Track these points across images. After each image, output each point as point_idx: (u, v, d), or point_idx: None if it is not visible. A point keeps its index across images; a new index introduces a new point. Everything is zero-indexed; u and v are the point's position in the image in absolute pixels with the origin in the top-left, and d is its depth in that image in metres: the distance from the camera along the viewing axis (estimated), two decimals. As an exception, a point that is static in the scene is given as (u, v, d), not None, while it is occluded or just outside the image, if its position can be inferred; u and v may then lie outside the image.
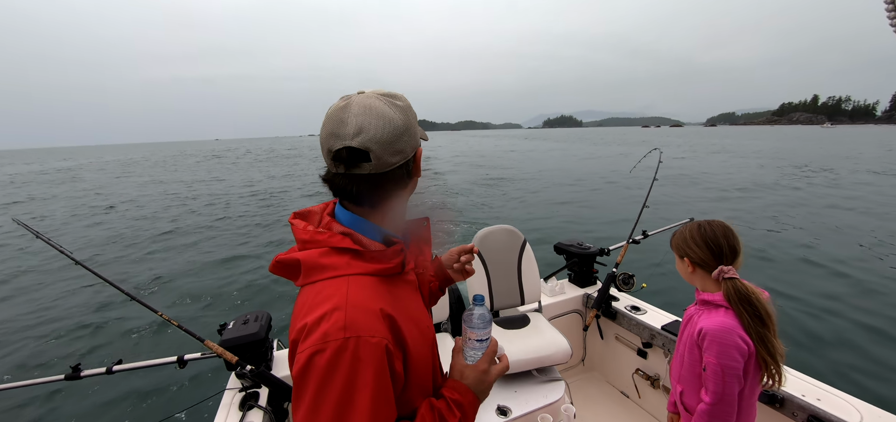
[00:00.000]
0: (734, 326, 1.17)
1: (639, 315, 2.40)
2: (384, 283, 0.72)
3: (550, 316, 2.64)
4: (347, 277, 0.68)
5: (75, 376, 1.89)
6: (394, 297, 0.72)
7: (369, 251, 0.71)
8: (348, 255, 0.71)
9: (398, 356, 0.67)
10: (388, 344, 0.64)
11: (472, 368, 0.81)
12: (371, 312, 0.64)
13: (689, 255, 1.31)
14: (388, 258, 0.73)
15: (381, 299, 0.67)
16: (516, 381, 2.11)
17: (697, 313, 1.31)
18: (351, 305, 0.64)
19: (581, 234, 7.36)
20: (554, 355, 2.08)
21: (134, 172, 28.70)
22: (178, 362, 1.95)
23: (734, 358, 1.15)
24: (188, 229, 10.31)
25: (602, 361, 2.73)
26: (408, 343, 0.69)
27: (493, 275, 2.43)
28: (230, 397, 1.95)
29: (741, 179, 12.98)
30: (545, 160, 25.15)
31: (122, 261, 8.13)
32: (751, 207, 8.44)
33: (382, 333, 0.64)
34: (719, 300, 1.23)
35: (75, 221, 12.14)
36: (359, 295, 0.66)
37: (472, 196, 11.13)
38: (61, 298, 6.37)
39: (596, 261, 2.84)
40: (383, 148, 0.69)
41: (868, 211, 9.31)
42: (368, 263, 0.71)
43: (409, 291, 0.81)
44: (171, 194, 16.11)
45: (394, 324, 0.67)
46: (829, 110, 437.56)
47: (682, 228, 1.37)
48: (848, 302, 4.67)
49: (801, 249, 6.49)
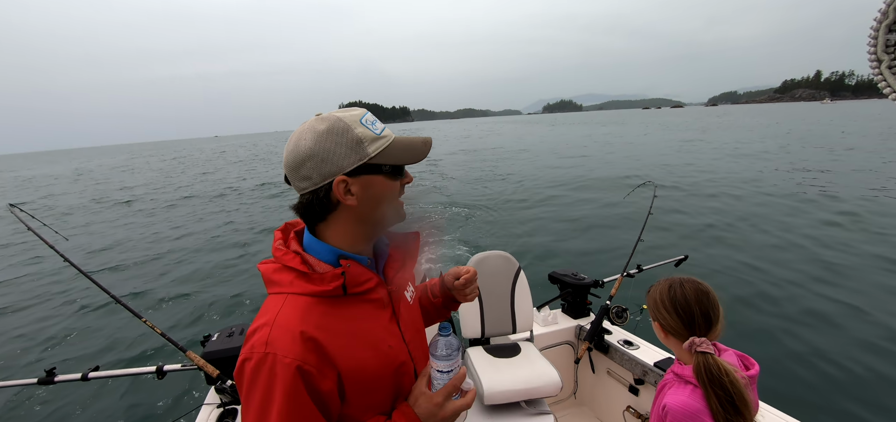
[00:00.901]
0: (700, 410, 1.03)
1: (631, 350, 2.37)
2: (323, 304, 0.74)
3: (542, 346, 2.60)
4: (285, 296, 0.74)
5: (49, 381, 1.83)
6: (332, 318, 0.74)
7: (313, 273, 0.75)
8: (293, 274, 0.75)
9: (327, 376, 0.70)
10: (302, 365, 0.67)
11: (427, 397, 0.78)
12: (291, 334, 0.69)
13: (660, 319, 1.19)
14: (326, 281, 0.74)
15: (308, 322, 0.71)
16: (504, 412, 2.06)
17: (671, 384, 1.18)
18: (277, 324, 0.70)
19: (574, 257, 7.35)
20: (543, 388, 2.04)
21: (137, 169, 28.64)
22: (157, 373, 1.90)
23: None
24: (185, 234, 10.20)
25: (592, 395, 2.68)
26: (344, 364, 0.72)
27: (486, 301, 2.41)
28: (207, 413, 1.88)
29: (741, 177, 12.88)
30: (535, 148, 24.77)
31: (112, 263, 8.00)
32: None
33: (296, 354, 0.67)
34: (689, 376, 1.09)
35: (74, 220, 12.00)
36: (287, 315, 0.71)
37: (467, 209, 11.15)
38: (44, 297, 6.23)
39: (590, 292, 2.82)
40: (292, 173, 0.76)
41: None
42: (309, 284, 0.74)
43: (365, 311, 0.80)
44: (170, 197, 16.02)
45: (317, 346, 0.70)
46: (833, 86, 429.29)
47: (655, 285, 1.23)
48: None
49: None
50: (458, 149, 23.00)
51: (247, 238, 9.63)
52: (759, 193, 11.01)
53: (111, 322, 5.24)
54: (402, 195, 0.84)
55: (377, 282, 0.83)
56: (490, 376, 2.07)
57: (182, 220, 12.00)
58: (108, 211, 13.72)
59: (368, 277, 0.81)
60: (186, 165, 32.97)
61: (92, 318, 5.44)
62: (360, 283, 0.78)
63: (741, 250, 6.83)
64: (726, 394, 1.01)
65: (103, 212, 13.66)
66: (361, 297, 0.80)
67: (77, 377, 1.86)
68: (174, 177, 23.18)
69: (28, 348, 4.70)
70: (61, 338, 4.94)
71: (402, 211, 0.84)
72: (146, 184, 20.50)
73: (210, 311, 5.71)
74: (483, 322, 2.40)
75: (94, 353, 4.59)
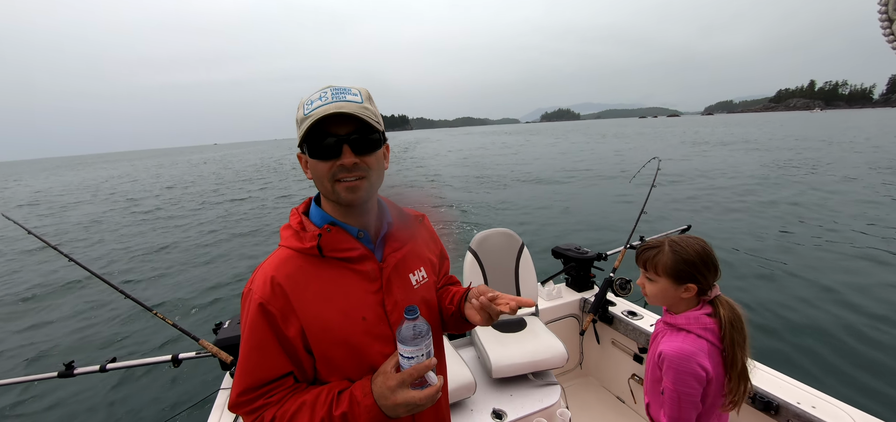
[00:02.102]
0: (693, 352, 1.13)
1: (635, 320, 2.40)
2: (301, 259, 0.82)
3: (547, 320, 2.64)
4: (280, 247, 0.85)
5: (68, 374, 1.88)
6: (306, 275, 0.81)
7: (301, 232, 0.84)
8: (290, 231, 0.86)
9: (291, 323, 0.78)
10: (265, 304, 0.77)
11: (384, 376, 0.76)
12: (264, 276, 0.80)
13: (698, 280, 1.18)
14: (305, 240, 0.82)
15: (281, 270, 0.80)
16: (512, 385, 2.10)
17: (663, 333, 1.27)
18: (262, 267, 0.82)
19: (578, 235, 7.38)
20: (550, 360, 2.08)
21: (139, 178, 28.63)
22: (173, 361, 1.94)
23: (690, 385, 1.12)
24: (189, 226, 10.27)
25: (598, 365, 2.73)
26: (307, 318, 0.79)
27: (491, 278, 2.43)
28: (224, 397, 1.94)
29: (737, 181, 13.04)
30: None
31: (120, 259, 8.09)
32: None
33: (263, 294, 0.77)
34: (682, 323, 1.18)
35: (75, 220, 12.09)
36: (269, 262, 0.82)
37: (467, 193, 11.16)
38: (55, 296, 6.33)
39: (593, 266, 2.84)
40: None
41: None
42: (296, 241, 0.83)
43: (345, 277, 0.83)
44: (176, 191, 16.07)
45: (283, 292, 0.78)
46: (826, 96, 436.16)
47: (671, 251, 1.20)
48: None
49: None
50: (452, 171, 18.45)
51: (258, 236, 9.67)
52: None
53: (123, 317, 5.34)
54: (341, 175, 0.78)
55: (362, 254, 0.84)
56: (497, 350, 2.11)
57: (188, 218, 12.06)
58: (121, 215, 13.81)
59: (351, 246, 0.83)
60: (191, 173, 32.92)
61: (104, 315, 5.54)
62: (340, 249, 0.83)
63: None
64: (740, 334, 1.13)
65: (119, 216, 13.75)
66: (344, 264, 0.84)
67: (96, 369, 1.90)
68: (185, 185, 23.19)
69: (44, 346, 4.81)
70: (76, 335, 5.05)
71: (343, 193, 0.79)
72: (155, 192, 20.52)
73: (220, 301, 5.80)
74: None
75: (109, 347, 4.70)
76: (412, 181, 10.34)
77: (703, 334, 1.15)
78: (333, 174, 0.79)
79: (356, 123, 0.78)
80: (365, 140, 0.79)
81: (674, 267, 1.18)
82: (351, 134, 0.78)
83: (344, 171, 0.78)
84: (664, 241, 1.23)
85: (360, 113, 0.77)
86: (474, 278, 2.41)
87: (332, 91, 0.78)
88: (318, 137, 0.77)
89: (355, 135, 0.78)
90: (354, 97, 0.79)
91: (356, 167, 0.79)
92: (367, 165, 0.80)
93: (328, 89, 0.79)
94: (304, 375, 0.82)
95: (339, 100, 0.77)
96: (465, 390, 1.91)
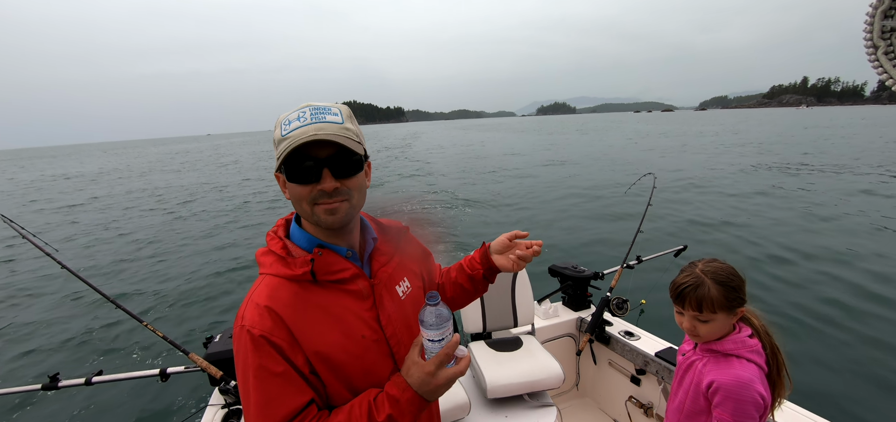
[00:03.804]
0: (750, 379, 1.07)
1: (633, 341, 2.38)
2: (294, 286, 0.79)
3: (543, 339, 2.61)
4: (264, 276, 0.81)
5: (53, 386, 1.83)
6: (302, 301, 0.78)
7: (288, 257, 0.80)
8: (274, 257, 0.82)
9: (297, 352, 0.76)
10: (266, 335, 0.73)
11: (420, 366, 0.77)
12: (259, 308, 0.75)
13: (744, 300, 1.14)
14: (297, 266, 0.79)
15: (275, 300, 0.76)
16: (507, 405, 2.07)
17: (701, 361, 1.20)
18: (251, 300, 0.78)
19: (574, 249, 7.38)
20: (546, 380, 2.05)
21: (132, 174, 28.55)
22: (161, 376, 1.90)
23: (751, 415, 1.06)
24: (179, 237, 10.18)
25: (594, 387, 2.70)
26: (310, 345, 0.77)
27: (487, 296, 2.41)
28: (212, 414, 1.89)
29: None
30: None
31: (110, 268, 7.99)
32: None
33: (262, 326, 0.74)
34: (729, 349, 1.12)
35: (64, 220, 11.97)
36: (259, 294, 0.78)
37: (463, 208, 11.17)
38: (42, 302, 6.22)
39: (590, 284, 2.83)
40: None
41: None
42: (284, 267, 0.80)
43: (340, 299, 0.82)
44: (165, 198, 15.97)
45: (282, 322, 0.75)
46: (819, 92, 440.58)
47: (715, 283, 1.14)
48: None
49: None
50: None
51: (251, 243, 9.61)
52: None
53: (112, 328, 5.23)
54: (321, 199, 0.77)
55: (354, 273, 0.84)
56: (493, 369, 2.07)
57: (181, 224, 11.98)
58: (109, 213, 13.70)
59: (343, 267, 0.83)
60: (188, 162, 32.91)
61: (93, 324, 5.44)
62: (332, 272, 0.81)
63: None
64: (776, 353, 1.13)
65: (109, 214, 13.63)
66: (336, 285, 0.82)
67: (81, 382, 1.86)
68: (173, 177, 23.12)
69: (30, 356, 4.70)
70: (62, 345, 4.94)
71: (323, 215, 0.78)
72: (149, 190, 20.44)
73: (211, 314, 5.71)
74: (484, 317, 2.41)
75: (96, 359, 4.60)
76: (407, 198, 10.36)
77: (753, 358, 1.11)
78: (313, 198, 0.77)
79: (336, 147, 0.76)
80: (346, 163, 0.78)
81: (725, 297, 1.12)
82: (331, 157, 0.76)
83: (324, 195, 0.77)
84: (699, 274, 1.16)
85: (341, 135, 0.75)
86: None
87: (311, 111, 0.76)
88: (297, 160, 0.75)
89: (336, 158, 0.77)
90: (335, 117, 0.77)
91: (337, 191, 0.77)
92: (348, 187, 0.79)
93: (307, 109, 0.77)
94: (321, 402, 0.79)
95: (319, 121, 0.75)
96: (459, 411, 1.87)
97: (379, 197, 2.20)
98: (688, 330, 1.21)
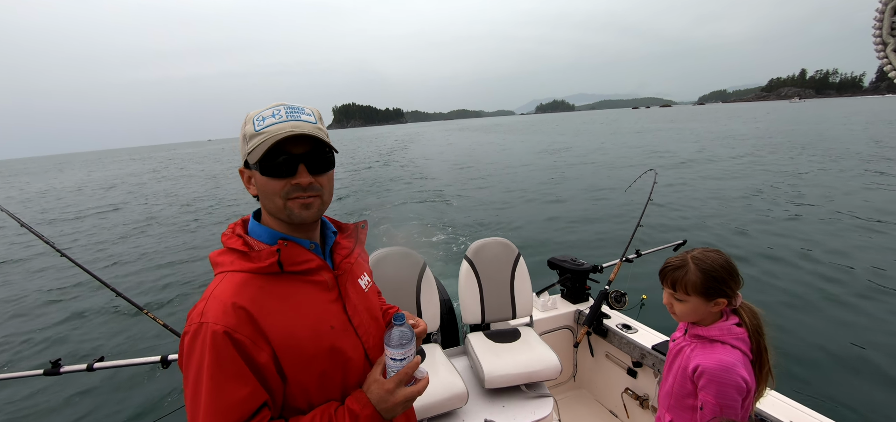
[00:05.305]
0: (733, 363, 1.13)
1: (630, 334, 2.40)
2: (259, 280, 0.78)
3: (541, 331, 2.62)
4: (224, 274, 0.78)
5: (54, 372, 1.85)
6: (268, 294, 0.77)
7: (251, 252, 0.79)
8: (234, 254, 0.80)
9: (262, 348, 0.73)
10: (231, 333, 0.70)
11: (379, 383, 0.81)
12: (223, 304, 0.72)
13: (727, 293, 1.19)
14: (263, 258, 0.78)
15: (241, 295, 0.74)
16: (504, 396, 2.09)
17: (689, 346, 1.26)
18: (212, 297, 0.74)
19: (572, 243, 7.39)
20: (543, 371, 2.07)
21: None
22: (162, 362, 1.92)
23: (733, 397, 1.11)
24: (179, 227, 10.21)
25: (591, 379, 2.72)
26: (277, 338, 0.75)
27: (486, 287, 2.43)
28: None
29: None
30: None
31: (110, 257, 8.02)
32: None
33: (226, 322, 0.71)
34: (716, 335, 1.18)
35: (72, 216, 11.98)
36: (222, 289, 0.75)
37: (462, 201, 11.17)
38: (44, 292, 6.25)
39: (589, 278, 2.84)
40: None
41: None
42: (247, 262, 0.78)
43: (305, 290, 0.82)
44: (165, 192, 15.99)
45: (249, 317, 0.73)
46: (817, 84, 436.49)
47: (697, 268, 1.19)
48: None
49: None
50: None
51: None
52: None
53: (113, 316, 5.27)
54: (295, 194, 0.79)
55: (319, 264, 0.85)
56: (490, 360, 2.09)
57: (179, 215, 11.99)
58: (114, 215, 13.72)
59: (308, 258, 0.83)
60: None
61: (93, 312, 5.47)
62: (298, 262, 0.81)
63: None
64: (764, 338, 1.18)
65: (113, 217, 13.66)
66: (302, 277, 0.83)
67: (83, 368, 1.87)
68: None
69: (32, 343, 4.73)
70: (64, 332, 4.98)
71: (297, 210, 0.79)
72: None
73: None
74: (483, 308, 2.42)
75: (97, 345, 4.64)
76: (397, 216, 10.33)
77: (737, 345, 1.16)
78: (287, 192, 0.79)
79: (312, 143, 0.79)
80: (320, 159, 0.81)
81: (703, 284, 1.18)
82: (307, 154, 0.79)
83: (298, 189, 0.79)
84: (687, 259, 1.22)
85: (316, 133, 0.78)
86: (469, 287, 2.41)
87: (287, 109, 0.79)
88: (273, 154, 0.76)
89: (311, 154, 0.79)
90: (309, 117, 0.81)
91: (311, 187, 0.79)
92: (321, 184, 0.82)
93: (281, 107, 0.80)
94: (274, 406, 0.77)
95: (295, 119, 0.78)
96: (457, 400, 1.89)
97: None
98: (666, 305, 1.29)
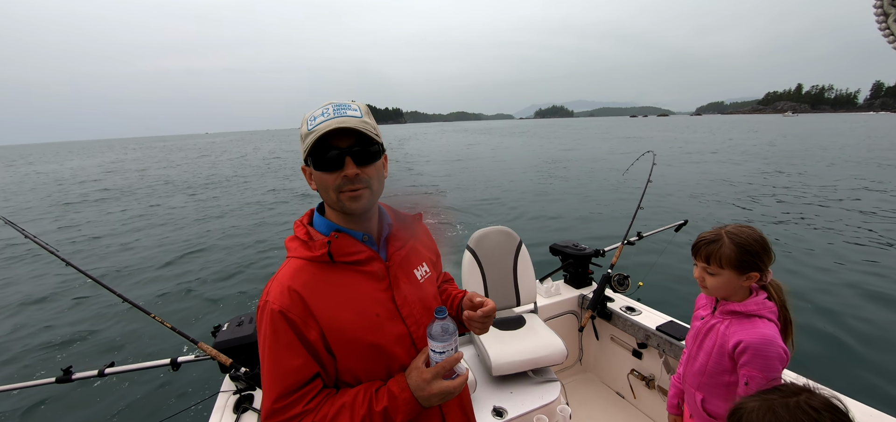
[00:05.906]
0: (774, 336, 1.14)
1: (634, 316, 2.41)
2: (314, 267, 0.87)
3: (546, 317, 2.64)
4: (290, 259, 0.89)
5: (66, 379, 1.87)
6: (320, 281, 0.86)
7: (310, 241, 0.88)
8: (298, 242, 0.90)
9: (311, 327, 0.82)
10: (285, 312, 0.81)
11: (419, 370, 0.85)
12: (282, 286, 0.84)
13: (761, 267, 1.19)
14: (316, 248, 0.87)
15: (296, 280, 0.84)
16: (512, 382, 2.11)
17: (722, 323, 1.25)
18: (276, 279, 0.86)
19: (577, 230, 7.39)
20: (549, 356, 2.09)
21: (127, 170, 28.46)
22: (172, 365, 1.94)
23: (778, 369, 1.13)
24: (185, 229, 10.22)
25: (597, 361, 2.75)
26: (325, 320, 0.83)
27: (489, 276, 2.44)
28: (224, 400, 1.93)
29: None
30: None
31: (115, 262, 8.05)
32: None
33: (281, 303, 0.82)
34: (752, 310, 1.18)
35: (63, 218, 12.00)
36: (284, 273, 0.86)
37: (463, 192, 11.17)
38: (51, 300, 6.29)
39: (591, 262, 2.85)
40: None
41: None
42: (306, 250, 0.88)
43: (355, 279, 0.89)
44: (171, 191, 15.98)
45: (301, 299, 0.82)
46: (813, 99, 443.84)
47: (732, 242, 1.19)
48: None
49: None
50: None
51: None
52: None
53: (121, 321, 5.31)
54: (345, 187, 0.84)
55: (369, 255, 0.90)
56: (497, 348, 2.11)
57: (187, 214, 12.01)
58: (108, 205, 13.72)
59: (357, 249, 0.89)
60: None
61: (101, 319, 5.51)
62: (348, 253, 0.88)
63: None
64: (788, 312, 1.20)
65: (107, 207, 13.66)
66: (353, 267, 0.89)
67: (94, 374, 1.89)
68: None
69: (42, 352, 4.78)
70: (73, 341, 5.02)
71: (347, 202, 0.85)
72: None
73: (213, 303, 5.78)
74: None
75: (107, 352, 4.68)
76: (412, 188, 10.41)
77: (773, 318, 1.18)
78: (339, 186, 0.85)
79: (357, 137, 0.84)
80: (365, 152, 0.85)
81: (737, 258, 1.18)
82: (353, 146, 0.84)
83: (347, 182, 0.84)
84: (721, 233, 1.23)
85: (361, 127, 0.83)
86: (473, 276, 2.42)
87: (334, 107, 0.84)
88: (322, 150, 0.83)
89: (357, 147, 0.84)
90: (354, 112, 0.85)
91: (358, 178, 0.84)
92: (368, 175, 0.86)
93: (329, 105, 0.85)
94: (328, 377, 0.86)
95: (341, 115, 0.83)
96: (466, 389, 1.91)
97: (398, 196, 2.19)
98: (697, 279, 1.29)
